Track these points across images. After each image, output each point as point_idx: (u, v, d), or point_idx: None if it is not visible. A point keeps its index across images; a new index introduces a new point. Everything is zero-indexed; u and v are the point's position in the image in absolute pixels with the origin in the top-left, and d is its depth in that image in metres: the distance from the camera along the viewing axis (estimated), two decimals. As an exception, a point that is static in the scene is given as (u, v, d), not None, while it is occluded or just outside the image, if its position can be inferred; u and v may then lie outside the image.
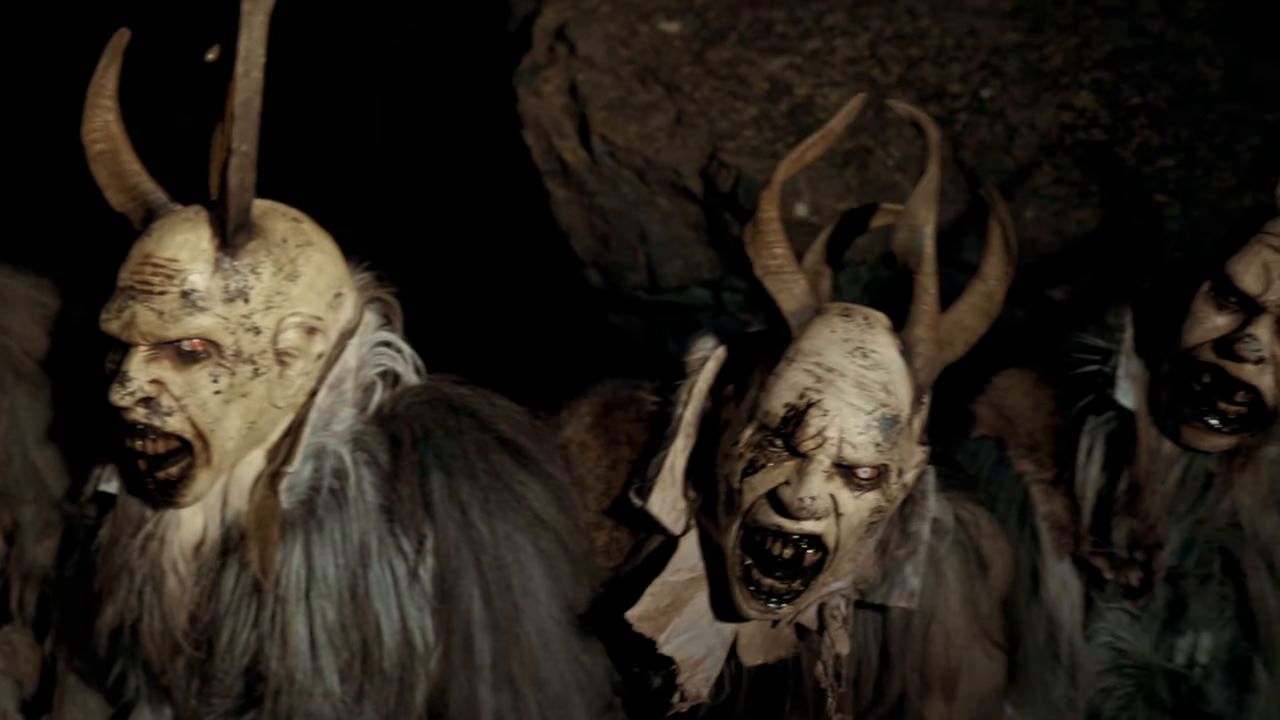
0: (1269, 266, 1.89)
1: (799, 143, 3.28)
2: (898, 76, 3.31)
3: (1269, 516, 2.05)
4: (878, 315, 1.75)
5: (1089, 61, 3.22)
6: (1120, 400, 2.04)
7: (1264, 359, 1.89)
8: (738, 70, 3.40)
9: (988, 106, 3.20)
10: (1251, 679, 2.13)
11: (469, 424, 1.72)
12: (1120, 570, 2.11)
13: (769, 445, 1.67)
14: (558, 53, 3.61)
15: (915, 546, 1.81)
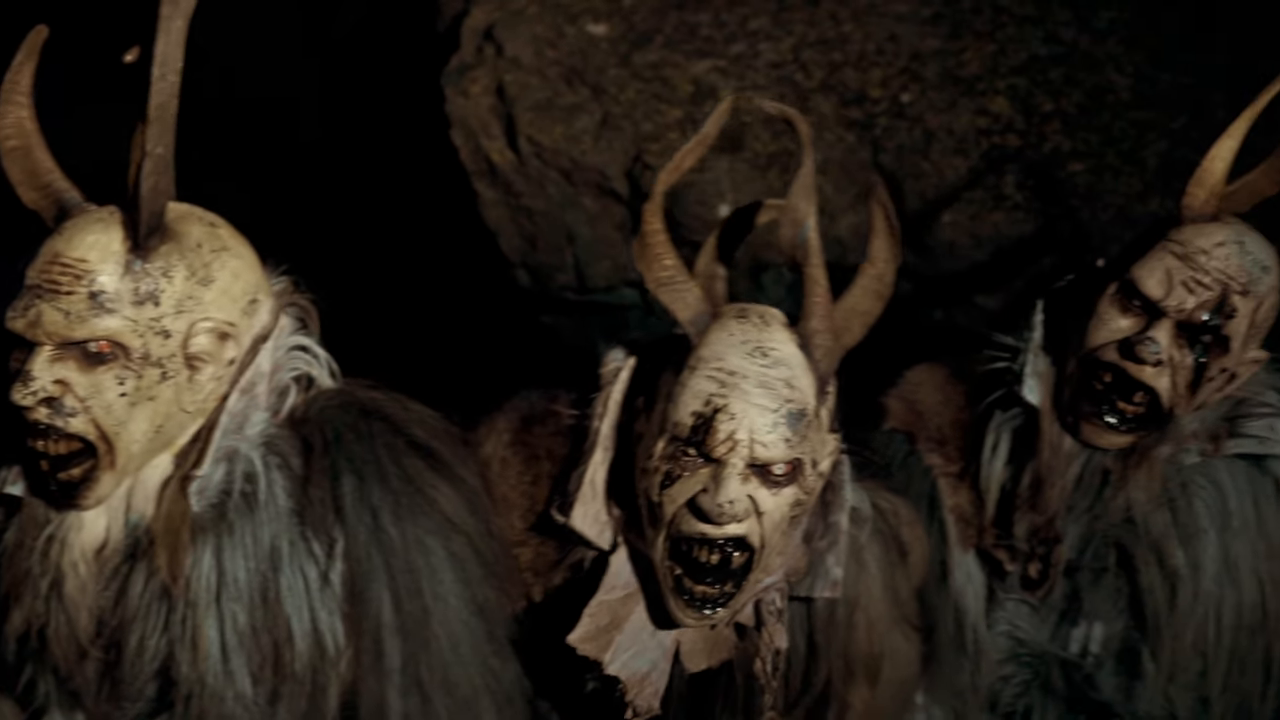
0: (1171, 273, 1.92)
1: (724, 145, 3.34)
2: (820, 81, 3.33)
3: (1160, 514, 2.09)
4: (773, 313, 1.75)
5: (1005, 68, 3.27)
6: (1026, 397, 2.07)
7: (1162, 361, 1.93)
8: (663, 73, 3.40)
9: (907, 111, 3.23)
10: (1139, 668, 2.17)
11: (381, 428, 1.69)
12: (1021, 562, 2.15)
13: (682, 455, 1.67)
14: (485, 53, 3.59)
15: (835, 537, 1.82)
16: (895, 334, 3.27)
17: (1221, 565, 2.12)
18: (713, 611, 1.72)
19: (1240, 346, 1.95)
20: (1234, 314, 1.91)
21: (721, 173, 3.22)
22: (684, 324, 1.73)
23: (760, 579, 1.75)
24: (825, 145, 3.23)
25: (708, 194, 3.25)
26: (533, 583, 1.88)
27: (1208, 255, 1.92)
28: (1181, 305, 1.92)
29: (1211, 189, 1.96)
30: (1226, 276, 1.91)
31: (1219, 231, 1.94)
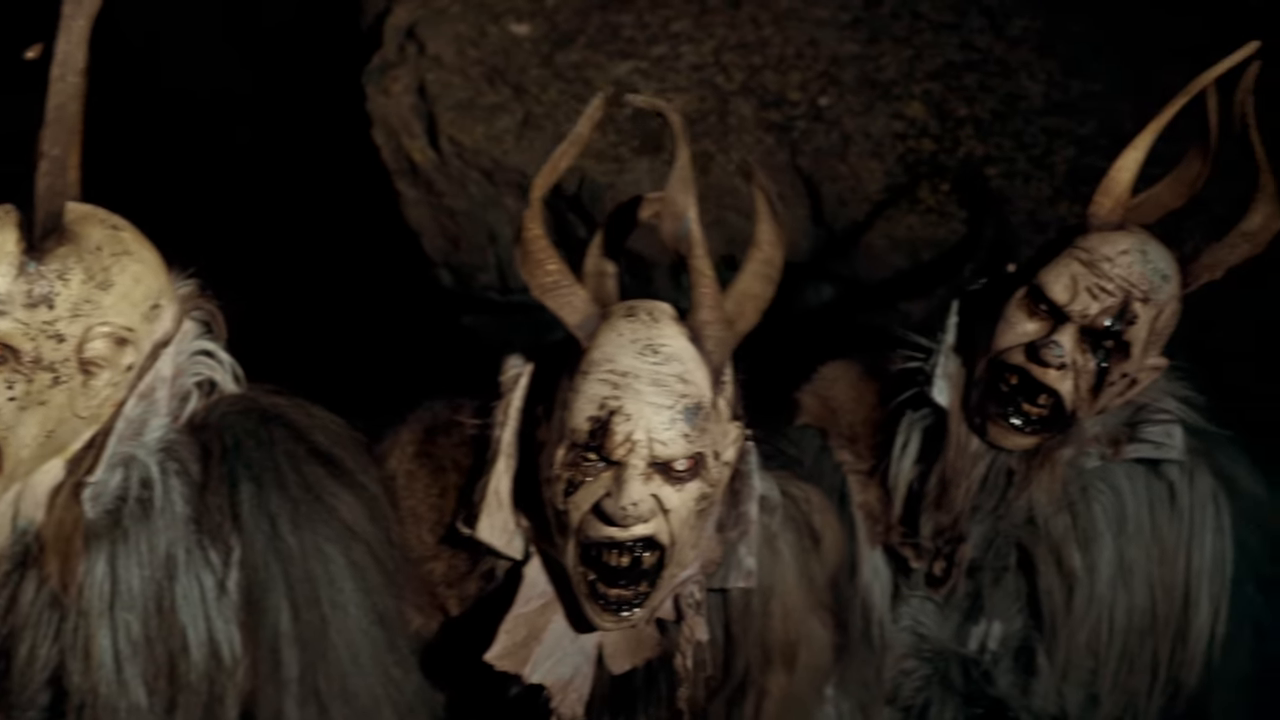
0: (1077, 279, 1.94)
1: (643, 146, 3.32)
2: (740, 83, 3.32)
3: (1060, 517, 2.11)
4: (662, 307, 1.72)
5: (921, 73, 3.28)
6: (936, 398, 2.08)
7: (1066, 365, 1.94)
8: (585, 73, 3.37)
9: (825, 114, 3.23)
10: (1034, 665, 2.20)
11: (282, 434, 1.64)
12: (926, 560, 2.16)
13: (582, 461, 1.64)
14: (407, 52, 3.54)
15: (746, 526, 1.80)
16: (812, 334, 3.30)
17: (1116, 569, 2.15)
18: (630, 613, 1.70)
19: (1141, 353, 1.97)
20: (1135, 320, 1.93)
21: (642, 174, 3.20)
22: (573, 328, 1.70)
23: (676, 574, 1.73)
24: (744, 147, 3.22)
25: (627, 196, 3.21)
26: (447, 595, 1.84)
27: (1112, 263, 1.94)
28: (1085, 311, 1.93)
29: (1117, 198, 1.98)
30: (1129, 284, 1.93)
31: (1123, 240, 1.96)
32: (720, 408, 1.68)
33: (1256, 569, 2.20)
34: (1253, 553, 2.19)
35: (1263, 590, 2.21)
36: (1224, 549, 2.16)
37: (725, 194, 3.21)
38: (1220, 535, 2.16)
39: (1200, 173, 2.03)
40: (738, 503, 1.80)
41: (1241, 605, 2.18)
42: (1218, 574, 2.17)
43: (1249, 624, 2.20)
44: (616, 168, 3.22)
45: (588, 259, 1.86)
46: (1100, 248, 1.96)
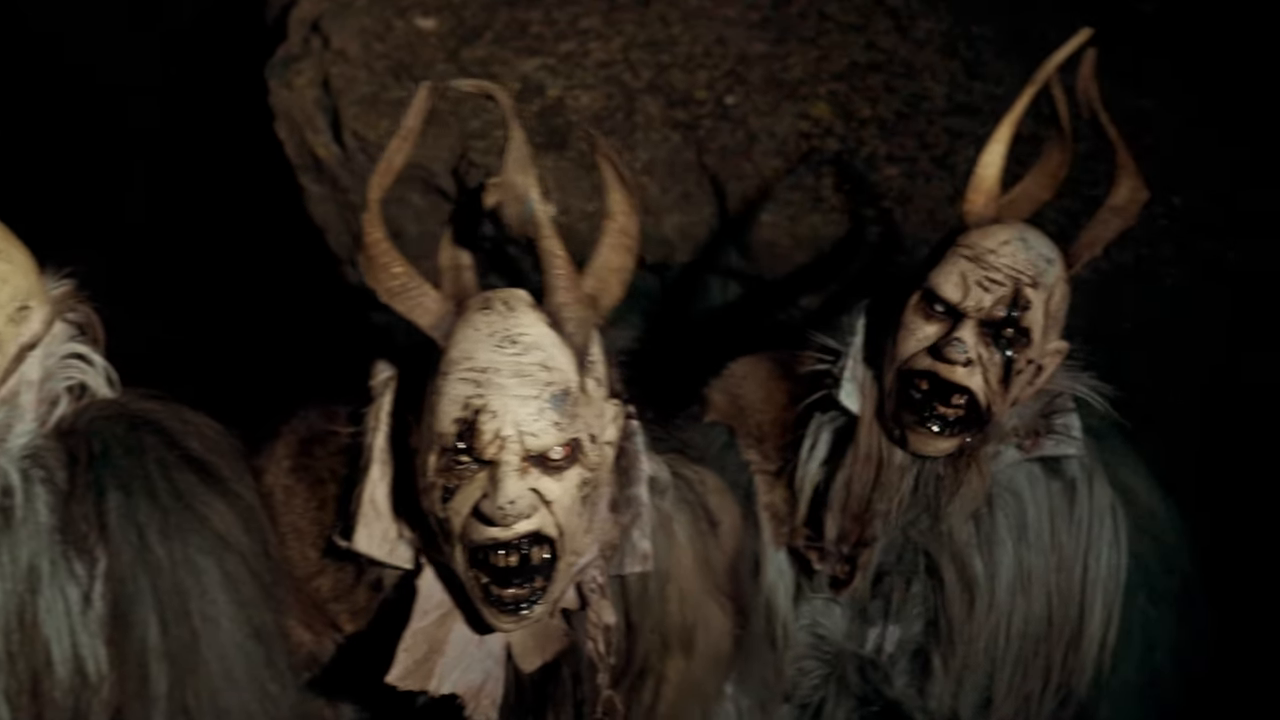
0: (966, 276, 1.93)
1: (549, 143, 3.26)
2: (647, 81, 3.28)
3: (965, 524, 2.10)
4: (518, 295, 1.65)
5: (827, 74, 3.25)
6: (843, 401, 2.05)
7: (972, 360, 1.93)
8: (491, 69, 3.29)
9: (731, 113, 3.20)
10: (930, 668, 2.19)
11: (153, 441, 1.57)
12: (830, 562, 2.14)
13: (455, 465, 1.58)
14: (312, 45, 3.44)
15: (638, 509, 1.75)
16: (718, 331, 3.28)
17: (1016, 576, 2.15)
18: (529, 610, 1.63)
19: (1041, 337, 1.96)
20: (1029, 306, 1.93)
21: (545, 171, 3.12)
22: (428, 330, 1.63)
23: (573, 562, 1.67)
24: (651, 145, 3.18)
25: None
26: (338, 611, 1.77)
27: (995, 254, 1.93)
28: (980, 304, 1.93)
29: (987, 193, 1.99)
30: (1016, 271, 1.92)
31: (1002, 232, 1.96)
32: (590, 389, 1.62)
33: (1149, 581, 2.21)
34: (1146, 565, 2.21)
35: (1154, 602, 2.23)
36: (1119, 561, 2.17)
37: (631, 192, 3.17)
38: (1116, 547, 2.17)
39: (1061, 162, 2.04)
40: (627, 485, 1.75)
41: (1133, 616, 2.20)
42: (1112, 585, 2.18)
43: (1139, 634, 2.22)
44: None
45: (441, 253, 1.79)
46: (982, 242, 1.96)
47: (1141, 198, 2.02)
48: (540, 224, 1.60)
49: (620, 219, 1.67)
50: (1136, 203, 2.03)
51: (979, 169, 2.00)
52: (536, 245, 1.61)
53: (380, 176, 1.67)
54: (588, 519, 1.66)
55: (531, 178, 1.62)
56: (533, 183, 1.61)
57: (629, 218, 1.67)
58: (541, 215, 1.60)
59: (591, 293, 1.65)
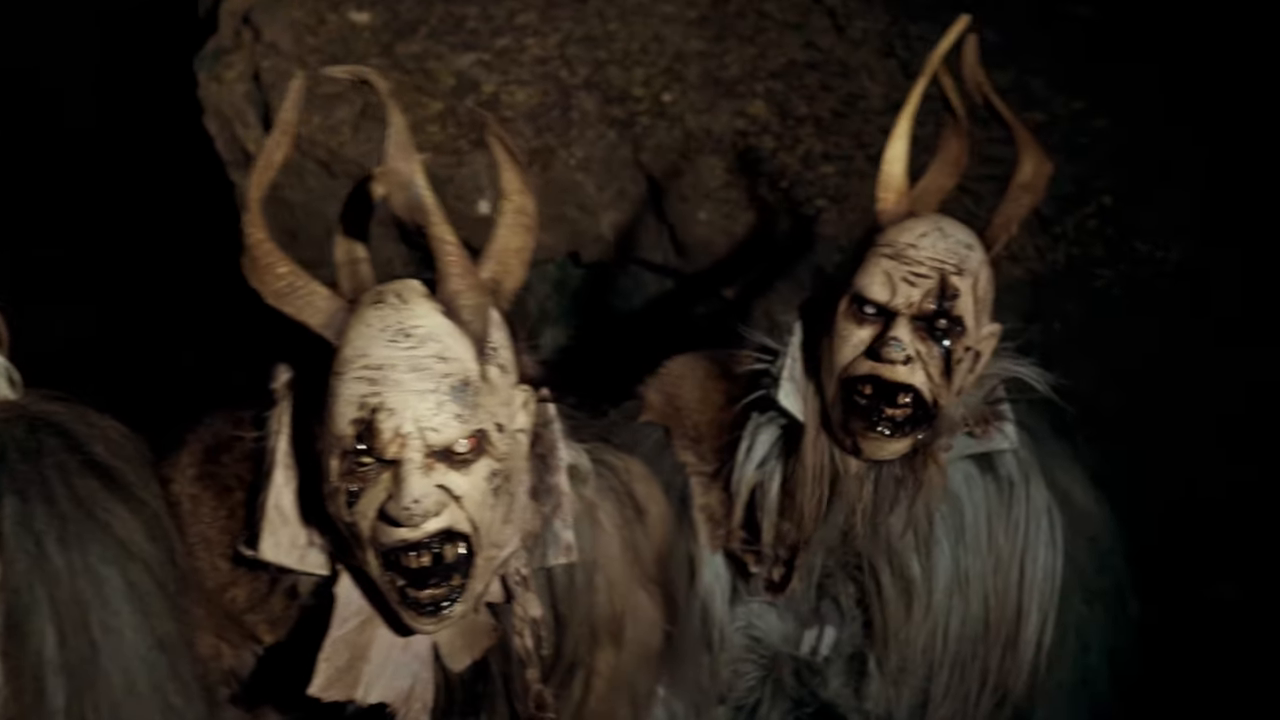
0: (890, 274, 1.91)
1: (483, 140, 3.19)
2: (584, 78, 3.23)
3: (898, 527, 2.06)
4: (411, 286, 1.58)
5: (764, 72, 3.23)
6: (782, 402, 2.01)
7: (911, 358, 1.90)
8: (426, 65, 3.24)
9: (668, 110, 3.16)
10: (866, 670, 2.16)
11: (53, 444, 1.49)
12: (766, 565, 2.10)
13: (357, 467, 1.51)
14: (243, 38, 3.36)
15: (558, 499, 1.69)
16: (654, 330, 3.24)
17: (953, 578, 2.12)
18: (450, 609, 1.57)
19: (974, 324, 1.93)
20: (958, 294, 1.90)
21: (480, 168, 3.07)
22: (320, 330, 1.56)
23: (493, 556, 1.61)
24: (587, 142, 3.13)
25: (466, 190, 3.10)
26: (255, 621, 1.70)
27: (916, 248, 1.91)
28: (910, 300, 1.90)
29: (897, 189, 1.97)
30: (939, 262, 1.90)
31: (918, 225, 1.94)
32: (493, 377, 1.55)
33: (1083, 582, 2.20)
34: (1081, 566, 2.19)
35: (1088, 602, 2.22)
36: (1055, 562, 2.15)
37: (566, 190, 3.12)
38: (1052, 549, 2.15)
39: (961, 148, 2.03)
40: (546, 474, 1.69)
41: (1068, 617, 2.18)
42: (1048, 586, 2.15)
43: (1074, 635, 2.21)
44: (455, 160, 3.09)
45: (336, 248, 1.72)
46: (901, 238, 1.93)
47: (1046, 170, 2.01)
48: (428, 210, 1.52)
49: (516, 198, 1.61)
50: (1042, 176, 2.01)
51: (885, 166, 1.98)
52: (426, 233, 1.53)
53: (260, 174, 1.59)
54: (504, 510, 1.60)
55: (415, 163, 1.53)
56: (417, 168, 1.53)
57: (524, 196, 1.61)
58: (428, 201, 1.52)
59: (494, 276, 1.59)
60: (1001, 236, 1.99)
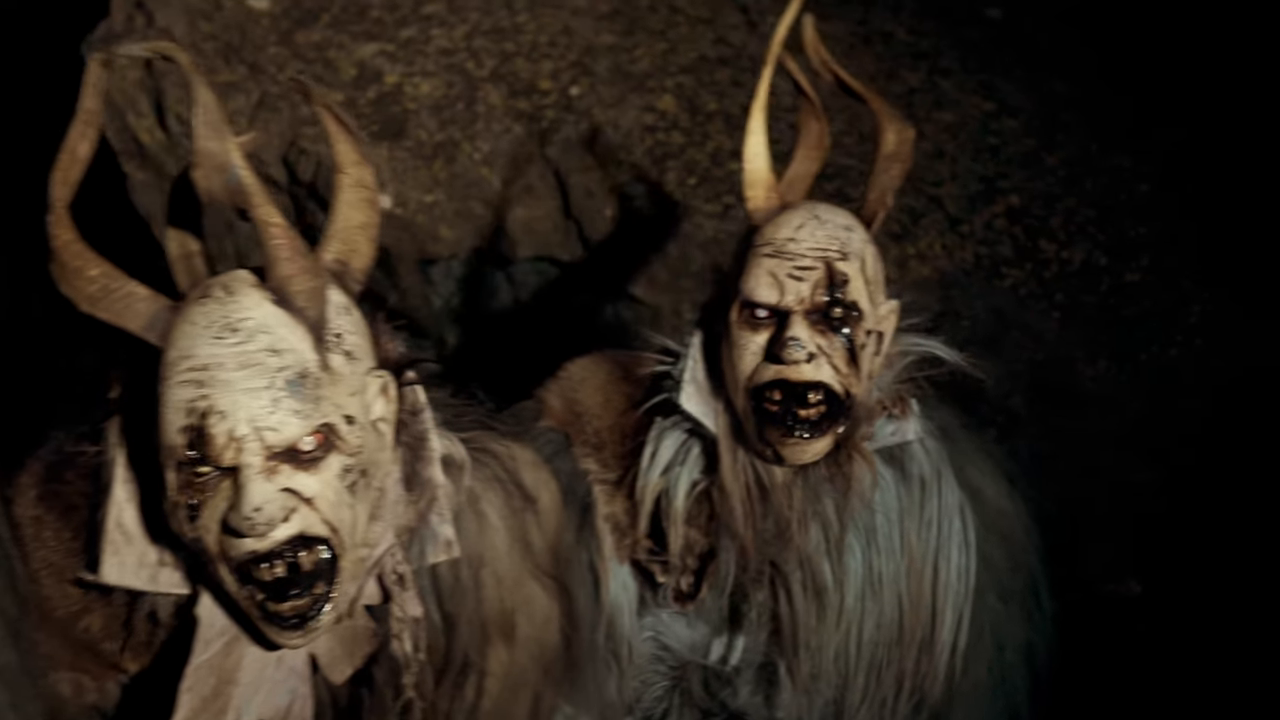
0: (775, 273, 1.83)
1: (384, 132, 3.10)
2: (491, 70, 3.14)
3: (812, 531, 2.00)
4: (239, 277, 1.44)
5: (674, 67, 3.16)
6: (684, 406, 1.93)
7: (814, 354, 1.83)
8: (326, 54, 3.12)
9: (575, 105, 3.08)
10: (777, 678, 2.09)
11: None
12: (673, 575, 2.02)
13: (195, 478, 1.38)
14: (135, 23, 3.21)
15: (432, 493, 1.55)
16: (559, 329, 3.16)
17: (865, 581, 2.05)
18: (316, 620, 1.44)
19: (870, 306, 1.86)
20: (847, 279, 1.83)
21: (380, 161, 2.97)
22: (141, 334, 1.42)
23: (363, 556, 1.49)
24: (493, 136, 3.04)
25: None
26: (114, 651, 1.55)
27: (795, 241, 1.84)
28: (800, 296, 1.82)
29: (765, 185, 1.90)
30: (821, 250, 1.83)
31: (793, 217, 1.86)
32: (338, 366, 1.43)
33: (998, 580, 2.14)
34: (994, 564, 2.13)
35: (1003, 601, 2.16)
36: (969, 562, 2.08)
37: (471, 185, 3.03)
38: (966, 548, 2.08)
39: (820, 130, 1.99)
40: (418, 465, 1.56)
41: (983, 616, 2.12)
42: (962, 586, 2.08)
43: (989, 634, 2.15)
44: None
45: (169, 243, 1.59)
46: (778, 234, 1.85)
47: (909, 136, 1.95)
48: (249, 191, 1.39)
49: (353, 171, 1.48)
50: (906, 142, 1.95)
51: (747, 164, 1.90)
52: (250, 215, 1.40)
53: (63, 171, 1.45)
54: (368, 507, 1.47)
55: (229, 141, 1.42)
56: (231, 147, 1.41)
57: (362, 168, 1.49)
58: (248, 181, 1.39)
59: (338, 257, 1.47)
60: (879, 211, 1.92)
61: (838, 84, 1.99)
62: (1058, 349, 2.86)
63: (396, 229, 2.99)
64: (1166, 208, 3.02)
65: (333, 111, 1.44)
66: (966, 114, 3.18)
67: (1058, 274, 2.92)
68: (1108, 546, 2.79)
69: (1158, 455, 2.80)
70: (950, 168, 3.04)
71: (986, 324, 2.86)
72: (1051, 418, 2.83)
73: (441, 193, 3.00)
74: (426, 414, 1.54)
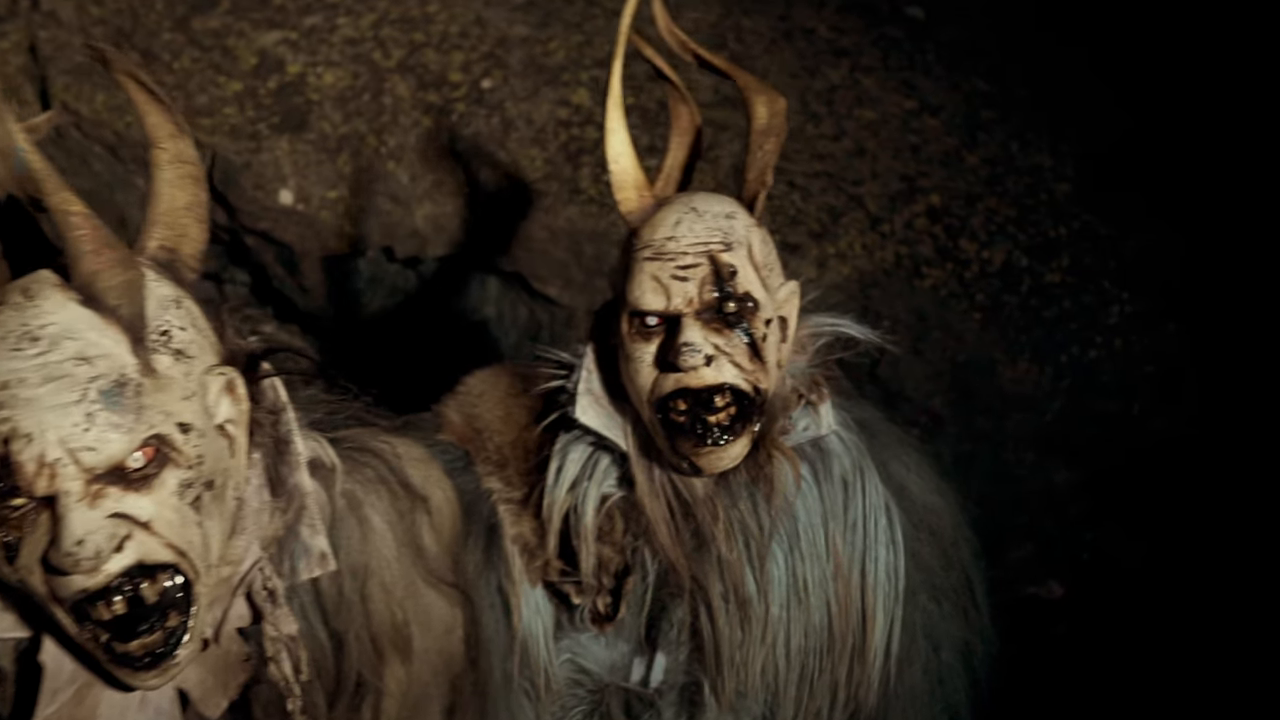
0: (657, 277, 1.71)
1: (284, 122, 2.94)
2: (398, 60, 3.00)
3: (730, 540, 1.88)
4: (41, 278, 1.28)
5: (590, 60, 3.05)
6: (581, 419, 1.81)
7: (712, 355, 1.72)
8: (225, 42, 2.95)
9: (487, 98, 2.95)
10: (700, 699, 1.98)
11: None
12: (589, 596, 1.89)
13: (9, 513, 1.21)
14: (19, 5, 3.02)
15: (301, 501, 1.40)
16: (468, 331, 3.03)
17: (790, 589, 1.94)
18: (173, 655, 1.28)
19: (765, 293, 1.75)
20: (735, 270, 1.71)
21: (281, 154, 2.82)
22: None
23: (224, 576, 1.34)
24: (400, 130, 2.90)
25: (266, 178, 2.84)
26: None
27: (674, 239, 1.72)
28: (688, 297, 1.70)
29: (635, 185, 1.79)
30: (702, 244, 1.71)
31: (668, 214, 1.74)
32: (164, 368, 1.27)
33: (929, 579, 2.04)
34: (925, 562, 2.03)
35: (936, 600, 2.06)
36: (897, 562, 1.97)
37: (377, 180, 2.89)
38: (893, 548, 1.97)
39: (690, 114, 1.88)
40: (282, 471, 1.40)
41: (915, 618, 2.01)
42: (892, 588, 1.97)
43: (923, 635, 2.05)
44: (253, 146, 2.83)
45: None
46: (655, 235, 1.74)
47: (780, 107, 1.85)
48: (40, 177, 1.24)
49: (170, 145, 1.33)
50: (779, 114, 1.85)
51: (611, 166, 1.79)
52: (45, 205, 1.25)
53: None
54: (221, 522, 1.32)
55: (10, 123, 1.27)
56: (14, 129, 1.26)
57: (180, 140, 1.34)
58: (37, 166, 1.23)
59: (164, 244, 1.32)
60: (760, 191, 1.81)
61: (699, 63, 1.89)
62: (978, 349, 2.82)
63: (299, 225, 2.85)
64: (1087, 207, 2.98)
65: (137, 79, 1.29)
66: (887, 112, 3.11)
67: (978, 274, 2.87)
68: (1029, 548, 2.77)
69: (1078, 456, 2.77)
70: (871, 166, 2.97)
71: (907, 324, 2.81)
72: (973, 419, 2.80)
73: (346, 188, 2.86)
74: (289, 413, 1.39)
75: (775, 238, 1.82)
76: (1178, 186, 3.00)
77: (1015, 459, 2.78)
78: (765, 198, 1.79)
